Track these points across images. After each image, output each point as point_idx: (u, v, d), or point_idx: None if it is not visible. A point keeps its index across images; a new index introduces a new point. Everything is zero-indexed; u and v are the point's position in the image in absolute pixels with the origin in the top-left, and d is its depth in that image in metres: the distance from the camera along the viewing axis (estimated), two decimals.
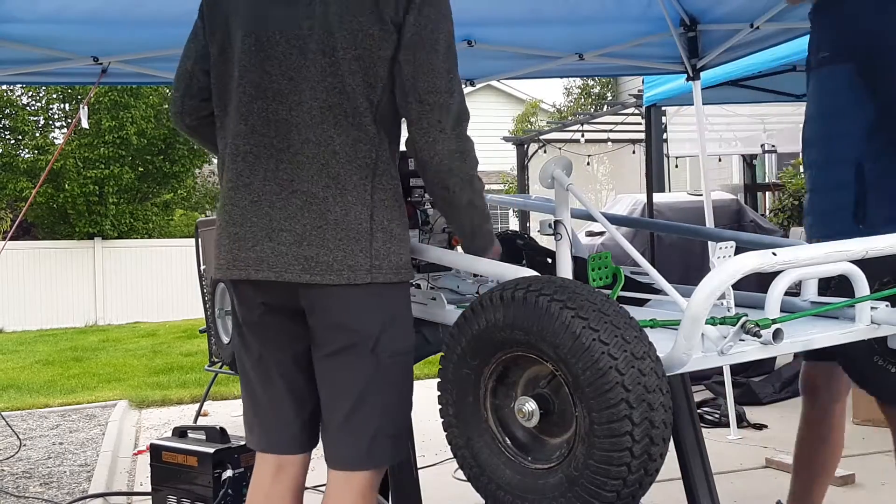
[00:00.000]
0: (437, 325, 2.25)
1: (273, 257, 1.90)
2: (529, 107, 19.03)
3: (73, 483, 4.32)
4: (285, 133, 1.91)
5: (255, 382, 2.07)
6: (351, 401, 1.92)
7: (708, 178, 4.83)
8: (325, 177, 1.89)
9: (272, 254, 1.90)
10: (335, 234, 1.88)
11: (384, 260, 1.91)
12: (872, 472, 4.00)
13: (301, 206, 1.89)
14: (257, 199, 1.93)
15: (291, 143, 1.91)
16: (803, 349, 1.85)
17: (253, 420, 2.10)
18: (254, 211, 1.93)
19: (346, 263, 1.88)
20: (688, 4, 4.28)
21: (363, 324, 1.90)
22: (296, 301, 1.94)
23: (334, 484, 1.98)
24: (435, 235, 2.62)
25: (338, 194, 1.89)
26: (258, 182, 1.93)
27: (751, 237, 2.49)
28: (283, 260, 1.89)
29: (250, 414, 2.10)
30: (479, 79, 4.81)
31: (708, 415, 4.97)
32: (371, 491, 1.97)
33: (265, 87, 1.93)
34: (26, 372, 8.49)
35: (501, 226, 17.57)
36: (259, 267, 1.91)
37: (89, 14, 3.71)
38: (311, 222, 1.89)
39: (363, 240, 1.89)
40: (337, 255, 1.88)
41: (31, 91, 14.73)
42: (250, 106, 1.95)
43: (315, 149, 1.90)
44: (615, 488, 1.36)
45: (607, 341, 1.35)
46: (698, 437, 2.72)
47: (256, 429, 2.09)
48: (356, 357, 1.91)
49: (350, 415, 1.93)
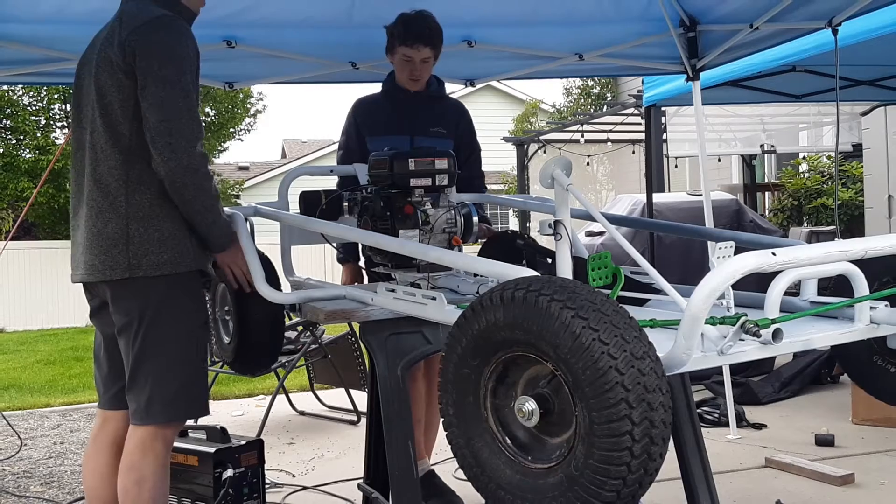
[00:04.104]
0: (437, 325, 2.26)
1: (74, 262, 2.59)
2: (529, 107, 19.03)
3: (73, 483, 4.32)
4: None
5: (98, 355, 2.71)
6: (129, 370, 2.50)
7: (708, 178, 4.83)
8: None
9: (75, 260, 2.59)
10: (99, 242, 2.46)
11: (142, 259, 2.43)
12: (872, 472, 4.00)
13: (83, 220, 2.52)
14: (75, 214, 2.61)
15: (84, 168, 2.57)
16: (803, 349, 1.86)
17: (98, 385, 2.74)
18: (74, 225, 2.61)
19: (108, 264, 2.44)
20: (687, 5, 4.29)
21: (128, 310, 2.47)
22: (100, 295, 2.57)
23: (129, 434, 2.55)
24: (435, 235, 2.62)
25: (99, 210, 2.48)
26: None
27: (750, 237, 2.49)
28: (76, 264, 2.57)
29: (97, 379, 2.74)
30: (479, 79, 4.80)
31: (707, 414, 4.97)
32: (152, 442, 2.48)
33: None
34: (27, 372, 8.49)
35: (501, 226, 17.57)
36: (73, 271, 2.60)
37: (89, 14, 3.70)
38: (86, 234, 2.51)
39: (121, 244, 2.43)
40: (101, 258, 2.45)
41: (32, 91, 14.72)
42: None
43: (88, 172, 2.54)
44: (615, 488, 1.36)
45: (607, 341, 1.35)
46: (698, 437, 2.73)
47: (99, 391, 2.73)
48: (127, 337, 2.49)
49: (131, 381, 2.50)
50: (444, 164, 2.63)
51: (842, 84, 6.02)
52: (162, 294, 2.48)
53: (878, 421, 4.75)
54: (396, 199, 2.60)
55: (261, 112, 17.86)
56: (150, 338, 2.46)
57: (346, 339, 5.43)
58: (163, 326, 2.48)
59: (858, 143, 9.20)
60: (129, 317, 2.47)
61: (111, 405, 2.65)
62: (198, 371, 2.57)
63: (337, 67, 4.34)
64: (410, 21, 3.35)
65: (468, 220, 2.72)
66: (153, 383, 2.47)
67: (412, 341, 2.41)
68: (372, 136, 3.50)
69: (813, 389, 5.71)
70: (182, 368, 2.51)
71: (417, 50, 3.35)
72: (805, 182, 10.60)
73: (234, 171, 24.52)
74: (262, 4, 3.88)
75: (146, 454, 2.48)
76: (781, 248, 1.59)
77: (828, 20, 4.00)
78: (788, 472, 4.06)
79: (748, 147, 11.54)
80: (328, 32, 4.06)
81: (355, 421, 5.38)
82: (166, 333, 2.48)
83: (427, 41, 3.36)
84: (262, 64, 4.34)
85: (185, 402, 2.53)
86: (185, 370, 2.52)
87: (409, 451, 2.35)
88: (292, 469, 4.44)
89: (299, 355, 5.12)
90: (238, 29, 4.00)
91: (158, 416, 2.48)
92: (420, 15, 3.37)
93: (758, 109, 10.07)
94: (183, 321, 2.52)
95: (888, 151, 7.91)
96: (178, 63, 2.41)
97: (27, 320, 13.26)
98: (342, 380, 5.53)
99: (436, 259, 2.15)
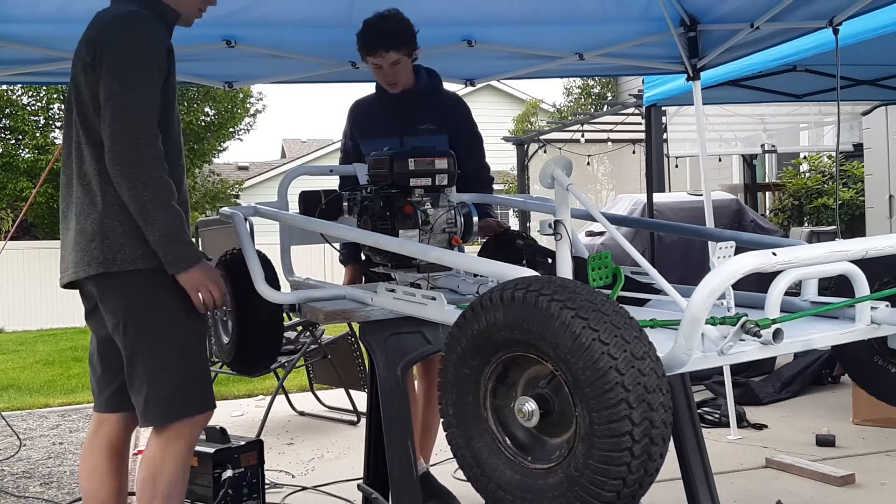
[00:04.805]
0: (437, 325, 2.25)
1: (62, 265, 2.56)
2: (529, 107, 19.05)
3: (73, 483, 4.32)
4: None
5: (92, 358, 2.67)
6: (126, 372, 2.45)
7: (708, 178, 4.82)
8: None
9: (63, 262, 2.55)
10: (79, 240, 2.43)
11: (117, 253, 2.37)
12: (872, 472, 4.00)
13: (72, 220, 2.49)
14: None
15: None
16: (803, 349, 1.85)
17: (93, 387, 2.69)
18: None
19: (85, 259, 2.40)
20: (688, 4, 4.28)
21: (115, 310, 2.43)
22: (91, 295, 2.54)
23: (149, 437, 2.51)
24: (435, 235, 2.62)
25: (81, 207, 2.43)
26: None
27: (751, 237, 2.49)
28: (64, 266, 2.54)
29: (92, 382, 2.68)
30: (479, 79, 4.80)
31: (708, 415, 4.97)
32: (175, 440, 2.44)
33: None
34: (26, 372, 8.48)
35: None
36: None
37: (89, 14, 3.65)
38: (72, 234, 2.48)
39: (97, 239, 2.39)
40: (80, 254, 2.42)
41: (31, 91, 14.71)
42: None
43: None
44: (615, 488, 1.35)
45: (607, 341, 1.35)
46: (698, 437, 2.72)
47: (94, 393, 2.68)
48: (118, 338, 2.44)
49: (129, 383, 2.46)
50: (444, 163, 2.62)
51: (843, 84, 6.00)
52: (145, 290, 2.42)
53: (878, 421, 4.74)
54: (396, 199, 2.59)
55: (260, 112, 17.86)
56: (139, 336, 2.42)
57: (346, 339, 5.43)
58: (151, 324, 2.42)
59: (859, 142, 9.21)
60: (116, 316, 2.43)
61: (106, 408, 2.63)
62: (195, 367, 2.51)
63: (337, 67, 4.34)
64: (369, 27, 3.28)
65: (468, 220, 2.71)
66: (148, 383, 2.42)
67: (412, 341, 2.40)
68: (364, 139, 3.50)
69: (814, 390, 5.71)
70: (176, 367, 2.44)
71: (381, 56, 3.28)
72: (806, 182, 10.61)
73: (234, 170, 24.55)
74: (262, 4, 3.88)
75: (166, 452, 2.45)
76: (782, 248, 1.59)
77: (828, 20, 4.00)
78: (789, 473, 4.06)
79: (749, 147, 11.55)
80: (328, 32, 4.05)
81: (355, 421, 5.38)
82: (156, 331, 2.42)
83: (389, 45, 3.26)
84: (262, 63, 4.34)
85: (182, 400, 2.46)
86: (180, 368, 2.45)
87: (409, 451, 2.35)
88: (292, 469, 4.44)
89: (299, 355, 5.11)
90: (237, 28, 3.99)
91: (154, 417, 2.45)
92: (381, 18, 3.28)
93: (758, 109, 10.08)
94: (173, 317, 2.45)
95: (889, 151, 7.91)
96: (131, 61, 2.37)
97: (26, 320, 13.26)
98: (342, 380, 5.53)
99: (436, 259, 2.15)
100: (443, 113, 3.50)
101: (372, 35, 3.28)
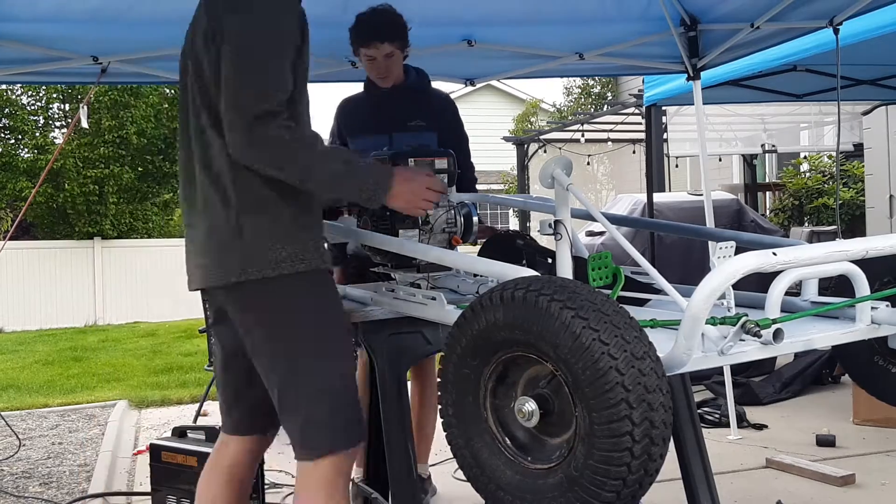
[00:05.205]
0: (437, 325, 2.25)
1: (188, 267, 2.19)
2: (529, 107, 19.05)
3: (72, 483, 4.31)
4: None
5: (217, 372, 2.36)
6: (275, 396, 2.08)
7: (708, 177, 4.82)
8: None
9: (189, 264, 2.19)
10: (209, 240, 2.06)
11: (257, 256, 2.00)
12: (872, 472, 4.00)
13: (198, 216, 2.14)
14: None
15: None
16: (803, 349, 1.85)
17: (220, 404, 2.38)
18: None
19: (219, 264, 2.03)
20: (688, 4, 4.28)
21: (254, 322, 2.05)
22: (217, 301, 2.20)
23: (303, 476, 2.12)
24: (435, 235, 2.61)
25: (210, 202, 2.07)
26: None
27: (751, 237, 2.48)
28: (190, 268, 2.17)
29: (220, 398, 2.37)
30: (479, 79, 4.80)
31: (708, 415, 4.97)
32: (335, 478, 2.06)
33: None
34: (26, 372, 8.48)
35: (501, 226, 17.57)
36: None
37: (89, 13, 3.70)
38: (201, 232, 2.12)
39: (234, 239, 2.01)
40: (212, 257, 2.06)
41: (30, 90, 14.70)
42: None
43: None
44: (615, 488, 1.35)
45: (607, 341, 1.35)
46: (698, 437, 2.72)
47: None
48: (258, 355, 2.08)
49: (280, 409, 2.09)
50: (444, 163, 2.62)
51: (843, 83, 5.99)
52: (292, 299, 2.04)
53: (879, 421, 4.74)
54: None
55: None
56: (290, 354, 2.04)
57: None
58: (307, 335, 2.05)
59: (860, 142, 9.21)
60: (258, 330, 2.06)
61: (231, 430, 2.34)
62: (353, 388, 2.13)
63: (336, 66, 4.33)
64: (364, 20, 3.31)
65: (468, 220, 2.71)
66: (306, 407, 2.04)
67: (412, 341, 2.40)
68: (352, 137, 3.51)
69: (814, 390, 5.71)
70: (336, 385, 2.08)
71: (376, 48, 3.31)
72: (806, 182, 10.61)
73: None
74: None
75: (332, 494, 2.06)
76: (782, 248, 1.59)
77: (829, 19, 4.00)
78: (789, 473, 4.06)
79: (749, 147, 11.55)
80: (323, 30, 4.04)
81: None
82: (308, 346, 2.05)
83: (384, 37, 3.30)
84: None
85: (345, 426, 2.08)
86: (337, 387, 2.08)
87: (409, 451, 2.34)
88: (292, 469, 4.41)
89: None
90: None
91: (320, 446, 2.05)
92: (375, 11, 3.31)
93: (759, 109, 10.08)
94: (326, 330, 2.08)
95: (889, 151, 7.91)
96: (265, 11, 2.00)
97: (25, 320, 13.25)
98: None
99: (436, 259, 2.15)
100: (433, 110, 3.52)
101: (367, 26, 3.31)
